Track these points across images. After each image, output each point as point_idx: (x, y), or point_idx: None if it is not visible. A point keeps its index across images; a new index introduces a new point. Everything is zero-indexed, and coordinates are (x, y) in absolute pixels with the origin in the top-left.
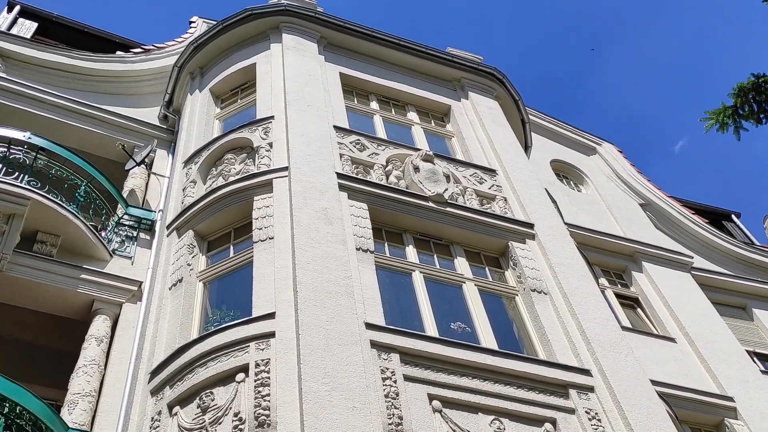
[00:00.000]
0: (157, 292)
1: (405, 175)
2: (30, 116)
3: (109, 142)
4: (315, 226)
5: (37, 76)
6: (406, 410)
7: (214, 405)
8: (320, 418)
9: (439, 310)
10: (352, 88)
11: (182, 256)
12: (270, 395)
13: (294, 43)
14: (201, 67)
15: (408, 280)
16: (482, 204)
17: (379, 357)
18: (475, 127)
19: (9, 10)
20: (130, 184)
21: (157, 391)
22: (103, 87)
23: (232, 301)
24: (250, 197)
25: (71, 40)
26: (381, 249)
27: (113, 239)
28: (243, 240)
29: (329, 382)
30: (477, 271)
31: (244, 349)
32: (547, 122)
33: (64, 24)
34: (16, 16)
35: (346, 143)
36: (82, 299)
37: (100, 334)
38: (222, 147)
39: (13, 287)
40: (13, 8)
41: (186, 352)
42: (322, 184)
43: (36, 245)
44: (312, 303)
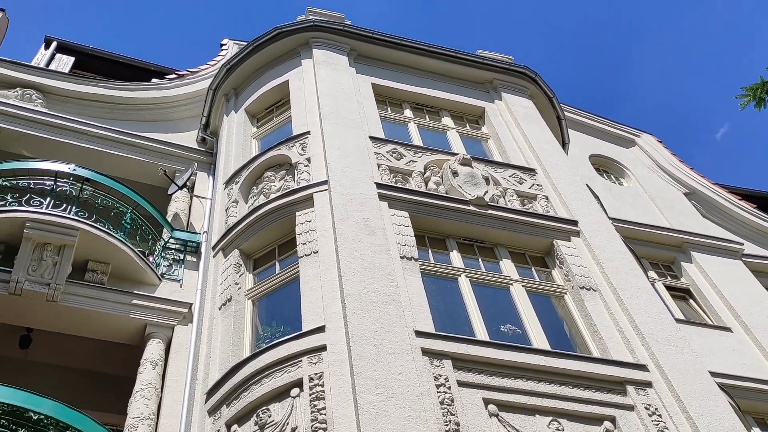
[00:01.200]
0: (207, 313)
1: (444, 180)
2: (74, 148)
3: (151, 168)
4: (358, 237)
5: (77, 108)
6: (462, 416)
7: (271, 421)
8: (377, 429)
9: (487, 313)
10: (385, 98)
11: (229, 275)
12: (326, 408)
13: (325, 58)
14: (235, 88)
15: (454, 285)
16: (524, 204)
17: (431, 364)
18: (511, 127)
19: (46, 46)
20: (173, 208)
21: (214, 410)
22: (142, 115)
23: (282, 317)
24: (292, 213)
25: (108, 71)
26: (425, 256)
27: (161, 263)
28: (288, 256)
29: (383, 392)
30: (523, 272)
31: (296, 364)
32: (584, 117)
33: (100, 56)
34: (53, 52)
35: (382, 153)
36: (134, 324)
37: (155, 358)
38: (261, 165)
39: (68, 316)
40: (50, 44)
41: (240, 371)
42: (362, 195)
43: (87, 274)
44: (361, 314)
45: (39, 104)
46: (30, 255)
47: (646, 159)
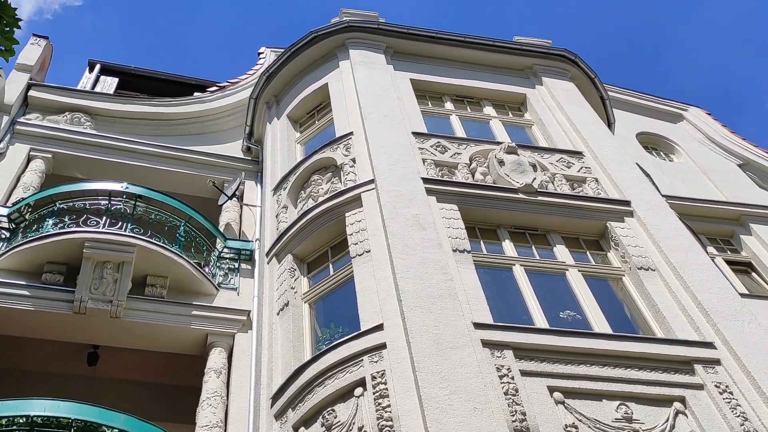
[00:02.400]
0: (266, 319)
1: (491, 170)
2: (124, 167)
3: (200, 180)
4: (409, 233)
5: (124, 128)
6: (528, 405)
7: (337, 422)
8: (443, 423)
9: (545, 300)
10: (424, 92)
11: (285, 280)
12: (390, 406)
13: (362, 58)
14: (275, 96)
15: (509, 274)
16: (573, 188)
17: (492, 355)
18: (554, 111)
19: (90, 69)
20: (224, 218)
21: (280, 414)
22: (187, 129)
23: (339, 318)
24: (342, 214)
25: (151, 89)
26: (477, 247)
27: (217, 273)
28: (341, 257)
29: (447, 386)
30: (578, 257)
31: (358, 364)
32: (628, 96)
33: (143, 75)
34: (97, 74)
35: (426, 147)
36: (196, 335)
37: (218, 366)
38: (307, 169)
39: (132, 331)
40: (94, 67)
41: (303, 374)
42: (410, 191)
43: (147, 288)
44: (418, 310)
45: (88, 126)
46: (91, 274)
47: (696, 133)
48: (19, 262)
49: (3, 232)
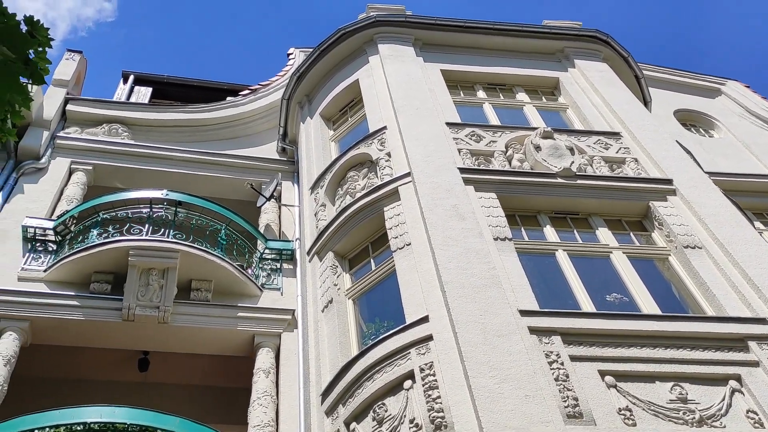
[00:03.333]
0: (310, 317)
1: (527, 156)
2: (163, 174)
3: (238, 183)
4: (449, 224)
5: (161, 136)
6: (579, 390)
7: (388, 415)
8: (495, 412)
9: (590, 284)
10: (455, 82)
11: (327, 278)
12: (441, 397)
13: (391, 52)
14: (307, 95)
15: (552, 260)
16: (613, 169)
17: (540, 342)
18: (589, 93)
19: (125, 80)
20: (264, 220)
21: (331, 411)
22: (222, 133)
23: (384, 312)
24: (380, 209)
25: (184, 96)
26: (519, 235)
27: (260, 274)
28: (381, 251)
29: (496, 374)
30: (622, 239)
31: (405, 357)
32: (663, 73)
33: (176, 83)
34: (132, 85)
35: (461, 137)
36: (243, 336)
37: (266, 366)
38: (343, 166)
39: (180, 336)
40: (128, 78)
41: (351, 369)
42: (447, 182)
43: (192, 293)
44: (462, 300)
45: (125, 137)
46: (137, 281)
47: (735, 107)
48: (67, 274)
49: (50, 245)
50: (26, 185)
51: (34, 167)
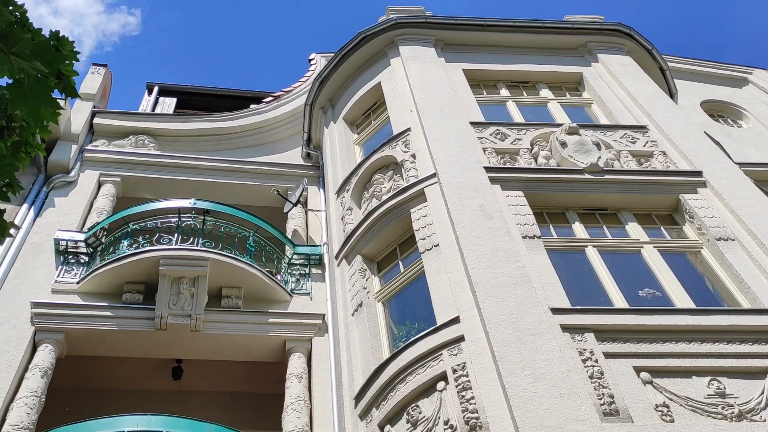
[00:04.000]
0: (341, 321)
1: (553, 153)
2: (190, 183)
3: (264, 190)
4: (476, 224)
5: (186, 146)
6: (614, 388)
7: (422, 417)
8: (530, 411)
9: (622, 280)
10: (478, 81)
11: (356, 281)
12: (474, 398)
13: (412, 53)
14: (330, 100)
15: (582, 257)
16: (640, 163)
17: (573, 339)
18: (613, 87)
19: (149, 92)
20: (291, 225)
21: (365, 414)
22: (246, 141)
23: (414, 314)
24: (407, 210)
25: (208, 106)
26: (547, 232)
27: (289, 280)
28: (409, 253)
29: (530, 373)
30: (652, 233)
31: (437, 358)
32: (688, 64)
33: (199, 92)
34: (156, 96)
35: (486, 136)
36: (274, 342)
37: (299, 371)
38: (368, 169)
39: (212, 343)
40: (152, 90)
41: (383, 372)
42: (473, 182)
43: (223, 300)
44: (493, 300)
45: (152, 148)
46: (168, 290)
47: (763, 95)
48: (100, 285)
49: (82, 257)
50: (57, 199)
51: (63, 181)
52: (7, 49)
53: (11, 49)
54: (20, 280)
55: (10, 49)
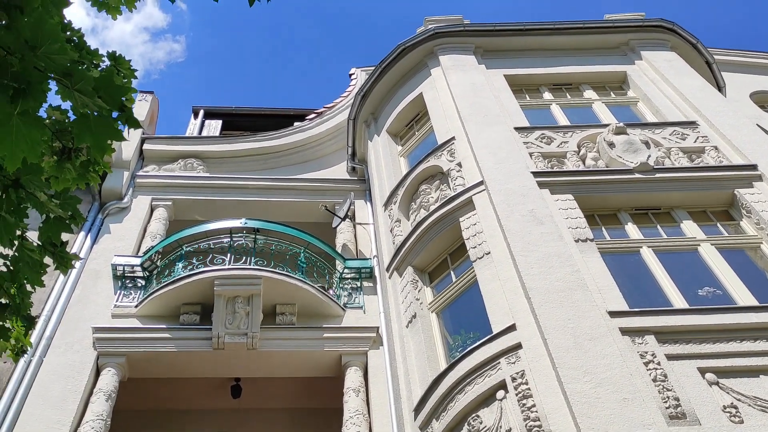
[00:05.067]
0: (395, 333)
1: (601, 154)
2: (239, 203)
3: (311, 206)
4: (527, 229)
5: (234, 166)
6: (679, 390)
7: (484, 427)
8: (593, 417)
9: (680, 280)
10: (520, 86)
11: (409, 293)
12: (535, 405)
13: (452, 62)
14: (372, 113)
15: (637, 258)
16: (692, 160)
17: (633, 343)
18: (659, 84)
19: (195, 116)
20: (340, 240)
21: (425, 426)
22: (292, 159)
23: (469, 324)
24: (456, 220)
25: (253, 126)
26: (600, 235)
27: (341, 294)
28: (461, 263)
29: (591, 379)
30: (708, 230)
31: (495, 367)
32: (734, 56)
33: (244, 113)
34: (202, 119)
35: (531, 141)
36: (330, 357)
37: (356, 385)
38: (414, 180)
39: (268, 361)
40: (198, 113)
41: (441, 383)
42: (521, 187)
43: (278, 317)
44: (549, 306)
45: (200, 170)
46: (224, 310)
47: None
48: (157, 308)
49: (139, 281)
50: (112, 225)
51: (117, 207)
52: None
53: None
54: (81, 306)
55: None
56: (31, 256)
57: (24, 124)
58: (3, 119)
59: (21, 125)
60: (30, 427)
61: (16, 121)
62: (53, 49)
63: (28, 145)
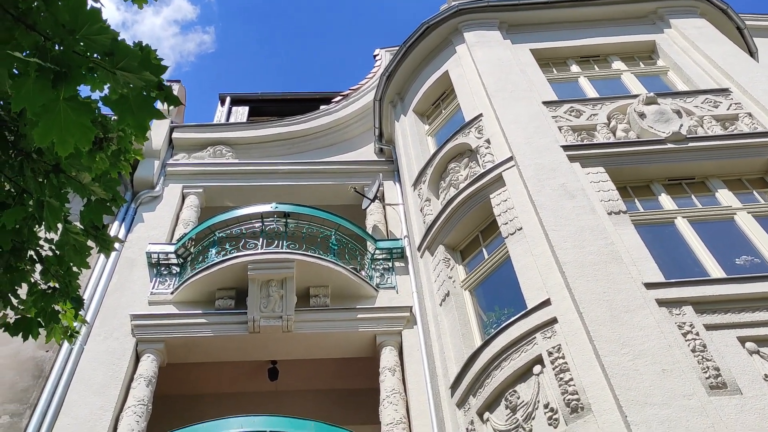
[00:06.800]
0: (429, 312)
1: (632, 125)
2: (269, 188)
3: (341, 188)
4: (559, 204)
5: (262, 152)
6: (719, 360)
7: (521, 402)
8: (632, 389)
9: (716, 249)
10: (547, 60)
11: (441, 271)
12: (573, 379)
13: (477, 38)
14: (398, 93)
15: (672, 229)
16: (726, 128)
17: (671, 314)
18: (689, 52)
19: (222, 103)
20: (370, 221)
21: (462, 402)
22: (320, 142)
23: (502, 300)
24: (486, 197)
25: (280, 111)
26: (633, 207)
27: (373, 275)
28: (492, 239)
29: (628, 351)
30: (745, 198)
31: (530, 342)
32: (765, 21)
33: (270, 99)
34: (229, 106)
35: (560, 114)
36: (365, 337)
37: (391, 365)
38: (443, 159)
39: (303, 343)
40: (225, 100)
41: (477, 360)
42: (552, 162)
43: (311, 300)
44: (583, 279)
45: (229, 156)
46: (258, 293)
47: None
48: (192, 294)
49: (173, 268)
50: (145, 214)
51: (150, 196)
52: (114, 65)
53: (118, 64)
54: (118, 295)
55: (117, 64)
56: (76, 239)
57: (72, 109)
58: (49, 105)
59: (69, 110)
60: (75, 412)
61: (63, 106)
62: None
63: (80, 130)
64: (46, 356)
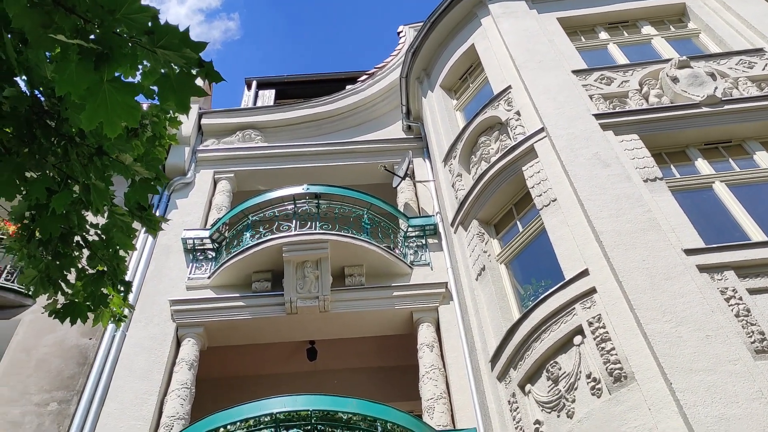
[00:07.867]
0: (465, 287)
1: (665, 90)
2: (299, 170)
3: (370, 168)
4: (593, 173)
5: (290, 134)
6: (764, 324)
7: (563, 373)
8: (676, 356)
9: (756, 213)
10: (574, 28)
11: (476, 246)
12: (615, 348)
13: (502, 10)
14: (425, 69)
15: (710, 194)
16: (762, 88)
17: (712, 279)
18: (721, 13)
19: (248, 87)
20: (402, 199)
21: (502, 376)
22: (347, 122)
23: (539, 272)
24: (518, 169)
25: (306, 93)
26: (669, 173)
27: (407, 252)
28: (527, 212)
29: (671, 318)
30: None
31: (570, 313)
32: None
33: (296, 81)
34: (255, 90)
35: (590, 83)
36: (401, 315)
37: (429, 341)
38: (473, 133)
39: (340, 322)
40: (251, 85)
41: (516, 332)
42: (584, 131)
43: (347, 279)
44: (621, 248)
45: (258, 140)
46: (294, 275)
47: None
48: (229, 277)
49: (209, 253)
50: (178, 201)
51: (182, 182)
52: (155, 43)
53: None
54: (157, 281)
55: (158, 42)
56: (122, 220)
57: (116, 90)
58: (93, 88)
59: (113, 91)
60: (120, 397)
61: (108, 88)
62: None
63: (126, 110)
64: (90, 343)
